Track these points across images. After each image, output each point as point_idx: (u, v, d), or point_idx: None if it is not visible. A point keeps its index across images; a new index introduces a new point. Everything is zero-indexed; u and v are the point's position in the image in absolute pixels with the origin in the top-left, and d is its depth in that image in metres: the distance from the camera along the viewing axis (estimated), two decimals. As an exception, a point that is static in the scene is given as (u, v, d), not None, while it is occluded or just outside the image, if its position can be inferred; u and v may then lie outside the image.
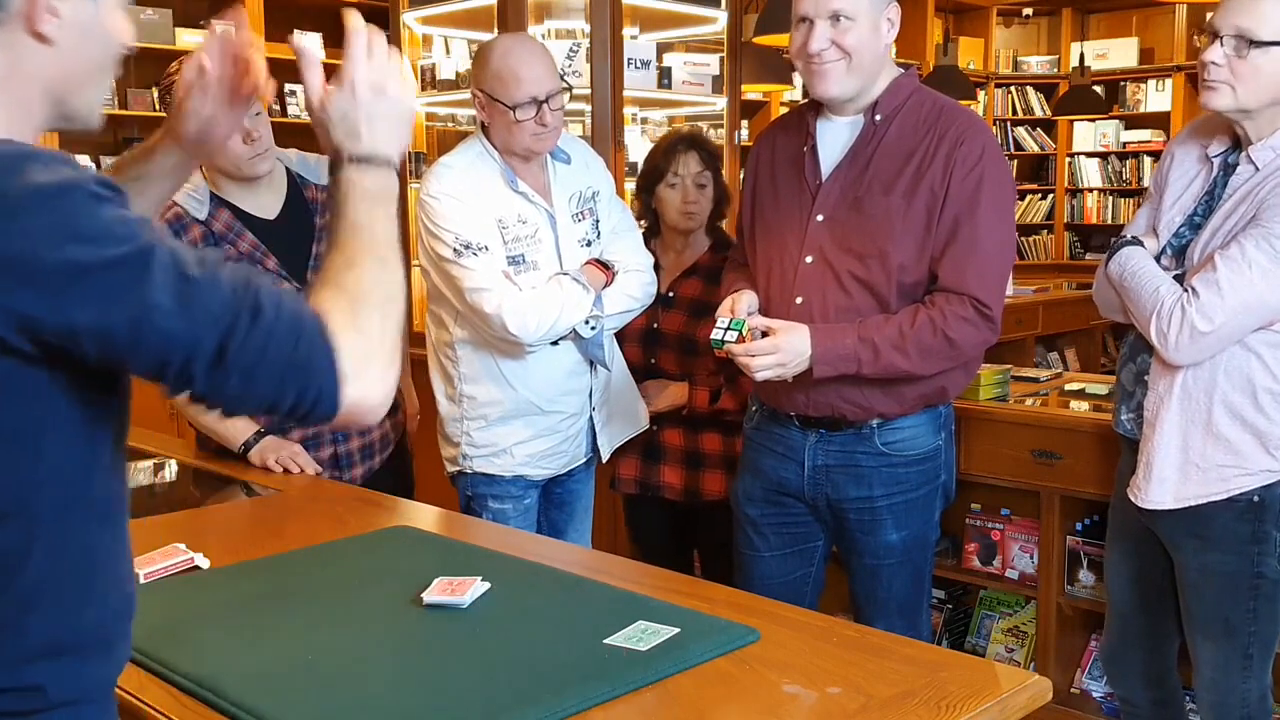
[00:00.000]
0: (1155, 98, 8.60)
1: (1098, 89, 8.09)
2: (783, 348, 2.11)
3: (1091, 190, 8.98)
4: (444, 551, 1.96)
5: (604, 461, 2.76)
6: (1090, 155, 8.95)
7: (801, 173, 2.29)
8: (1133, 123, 8.79)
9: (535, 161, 2.54)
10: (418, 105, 1.26)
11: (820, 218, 2.24)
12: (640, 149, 4.08)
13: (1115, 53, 8.66)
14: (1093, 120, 8.69)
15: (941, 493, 2.37)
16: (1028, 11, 9.13)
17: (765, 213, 2.36)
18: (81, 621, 1.07)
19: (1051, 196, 9.14)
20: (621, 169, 3.87)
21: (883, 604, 2.35)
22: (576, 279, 2.48)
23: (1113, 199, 8.92)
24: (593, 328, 2.51)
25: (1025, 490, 3.01)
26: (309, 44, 1.22)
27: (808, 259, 2.24)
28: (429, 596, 1.68)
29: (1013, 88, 9.09)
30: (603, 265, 2.55)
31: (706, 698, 1.40)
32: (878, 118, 2.22)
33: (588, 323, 2.49)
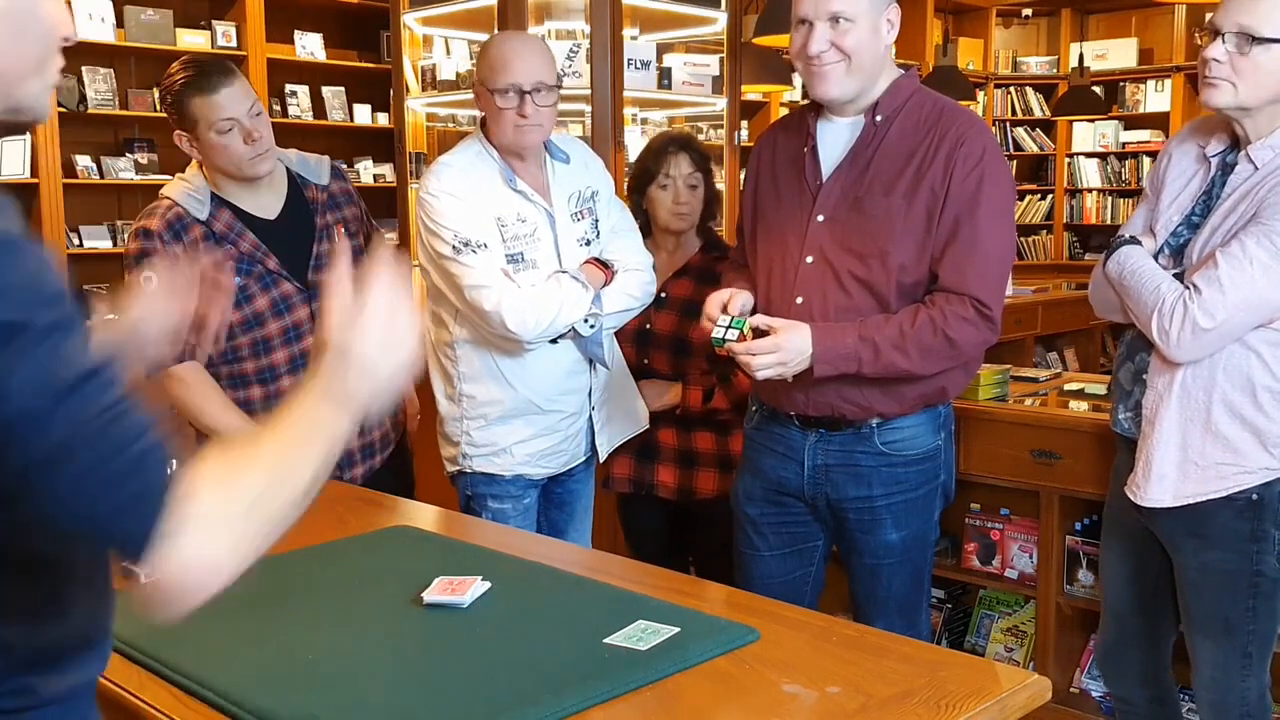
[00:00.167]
0: (1154, 98, 8.62)
1: (1097, 89, 8.09)
2: (783, 346, 2.11)
3: (1091, 190, 9.00)
4: (444, 551, 1.96)
5: (601, 461, 2.77)
6: (1089, 156, 8.97)
7: (802, 173, 2.29)
8: (1132, 123, 8.80)
9: (534, 161, 2.54)
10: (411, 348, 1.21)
11: (821, 218, 2.24)
12: (640, 149, 4.08)
13: (1114, 53, 8.67)
14: (1092, 121, 8.70)
15: (941, 492, 2.37)
16: (1027, 12, 9.14)
17: (766, 213, 2.36)
18: (63, 629, 1.08)
19: (1051, 197, 9.15)
20: (621, 169, 3.86)
21: (882, 603, 2.35)
22: (575, 277, 2.48)
23: (1112, 199, 8.93)
24: (591, 326, 2.51)
25: (1024, 490, 3.02)
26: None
27: (808, 259, 2.24)
28: (429, 596, 1.68)
29: (1012, 88, 9.10)
30: (602, 264, 2.55)
31: (706, 697, 1.40)
32: (878, 118, 2.22)
33: (587, 321, 2.49)
